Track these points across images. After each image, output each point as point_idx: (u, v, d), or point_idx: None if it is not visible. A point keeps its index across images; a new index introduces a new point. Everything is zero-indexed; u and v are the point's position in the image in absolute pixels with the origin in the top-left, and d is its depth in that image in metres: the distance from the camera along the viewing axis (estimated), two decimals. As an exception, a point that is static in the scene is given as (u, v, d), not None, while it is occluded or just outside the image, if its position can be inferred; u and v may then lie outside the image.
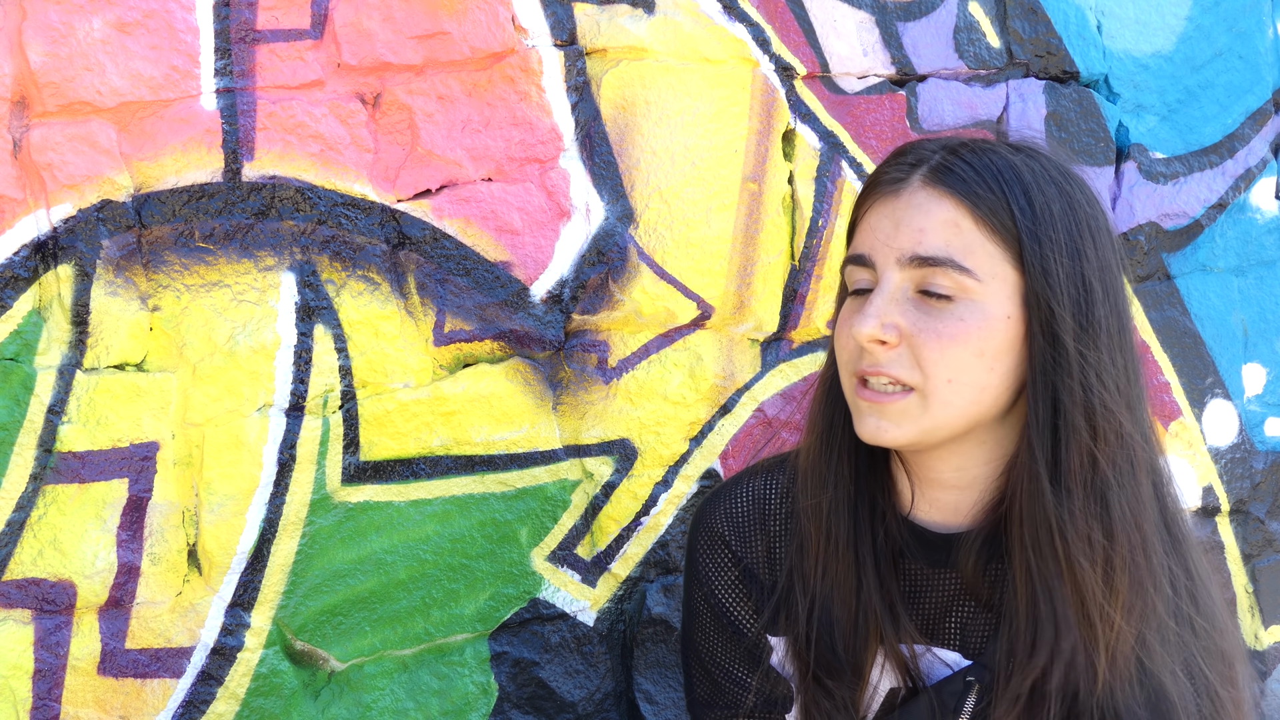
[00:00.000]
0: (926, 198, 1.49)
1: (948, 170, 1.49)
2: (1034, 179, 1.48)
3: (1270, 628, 2.80)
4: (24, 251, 1.71)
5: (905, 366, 1.47)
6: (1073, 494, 1.47)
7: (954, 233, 1.46)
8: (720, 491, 1.74)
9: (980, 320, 1.46)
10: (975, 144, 1.53)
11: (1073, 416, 1.46)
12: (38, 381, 1.73)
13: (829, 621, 1.60)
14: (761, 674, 1.66)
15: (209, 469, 1.83)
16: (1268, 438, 2.76)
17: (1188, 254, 2.64)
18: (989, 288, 1.46)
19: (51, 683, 1.77)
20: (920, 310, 1.47)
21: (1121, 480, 1.48)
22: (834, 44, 2.25)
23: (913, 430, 1.49)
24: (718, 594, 1.68)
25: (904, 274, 1.48)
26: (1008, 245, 1.46)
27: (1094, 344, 1.47)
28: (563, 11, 2.02)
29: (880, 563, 1.58)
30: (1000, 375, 1.48)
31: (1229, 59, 2.64)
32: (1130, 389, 1.51)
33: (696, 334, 2.17)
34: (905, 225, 1.48)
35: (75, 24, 1.71)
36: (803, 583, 1.61)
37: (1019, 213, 1.46)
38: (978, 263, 1.46)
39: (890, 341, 1.47)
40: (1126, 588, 1.48)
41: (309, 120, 1.86)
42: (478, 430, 2.01)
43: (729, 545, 1.67)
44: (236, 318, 1.84)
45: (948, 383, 1.47)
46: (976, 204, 1.46)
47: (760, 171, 2.19)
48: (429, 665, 2.03)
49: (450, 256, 1.97)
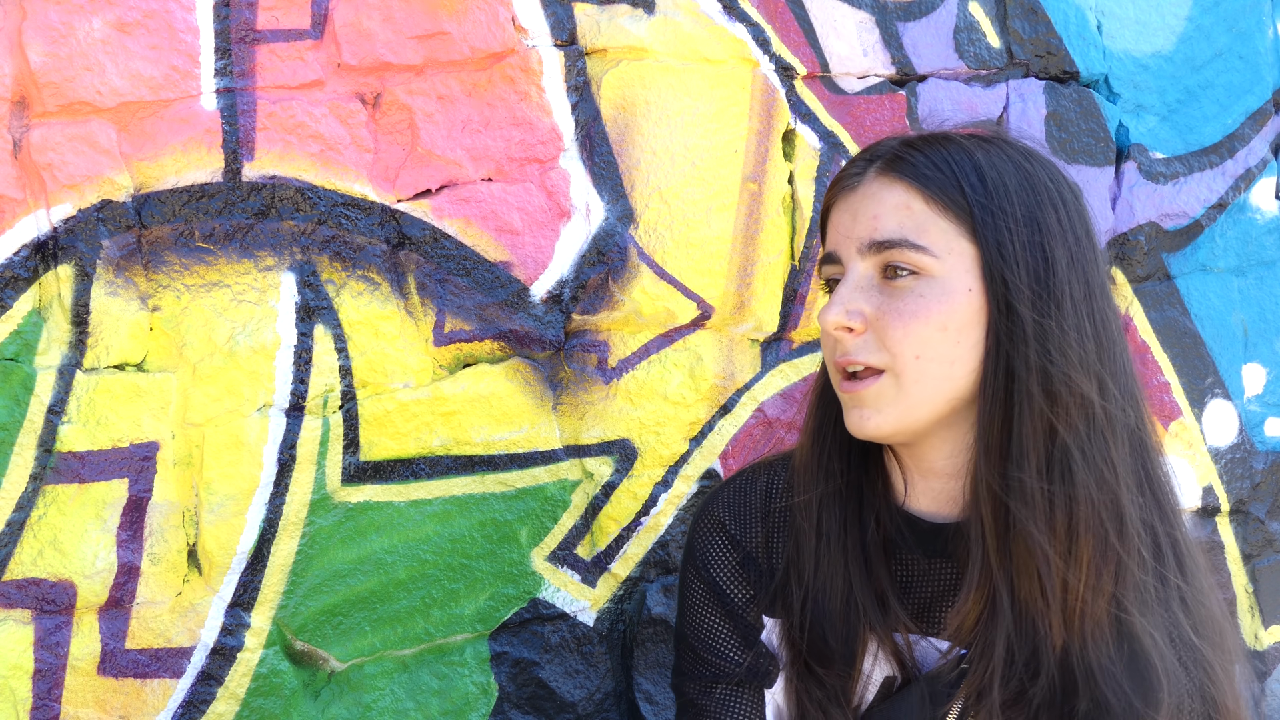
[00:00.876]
0: (880, 186, 1.53)
1: (899, 159, 1.53)
2: (986, 159, 1.52)
3: (1270, 628, 2.80)
4: (24, 251, 1.71)
5: (873, 350, 1.51)
6: (1026, 461, 1.48)
7: (906, 214, 1.50)
8: (724, 485, 1.77)
9: (940, 295, 1.49)
10: (931, 135, 1.57)
11: (1028, 384, 1.48)
12: (38, 381, 1.73)
13: (821, 611, 1.62)
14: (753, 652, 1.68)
15: (209, 469, 1.83)
16: (1268, 438, 2.76)
17: (1188, 254, 2.64)
18: (946, 263, 1.49)
19: (51, 683, 1.77)
20: (884, 294, 1.51)
21: (1087, 448, 1.49)
22: (834, 44, 2.25)
23: (893, 415, 1.52)
24: (714, 574, 1.70)
25: (866, 262, 1.52)
26: (961, 220, 1.49)
27: (1054, 311, 1.48)
28: (563, 11, 2.02)
29: (870, 554, 1.60)
30: (967, 348, 1.50)
31: (1229, 59, 2.64)
32: (1103, 357, 1.51)
33: (696, 334, 2.17)
34: (862, 215, 1.53)
35: (75, 24, 1.71)
36: (797, 575, 1.64)
37: (969, 189, 1.49)
38: (932, 240, 1.49)
39: (856, 328, 1.51)
40: (1090, 551, 1.49)
41: (309, 120, 1.86)
42: (478, 430, 2.01)
43: (727, 530, 1.70)
44: (236, 318, 1.84)
45: (915, 359, 1.49)
46: (926, 184, 1.50)
47: (760, 171, 2.19)
48: (429, 665, 2.03)
49: (450, 256, 1.97)
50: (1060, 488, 1.48)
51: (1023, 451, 1.49)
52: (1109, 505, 1.50)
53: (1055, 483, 1.48)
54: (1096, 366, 1.51)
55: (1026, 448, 1.49)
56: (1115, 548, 1.50)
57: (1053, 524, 1.48)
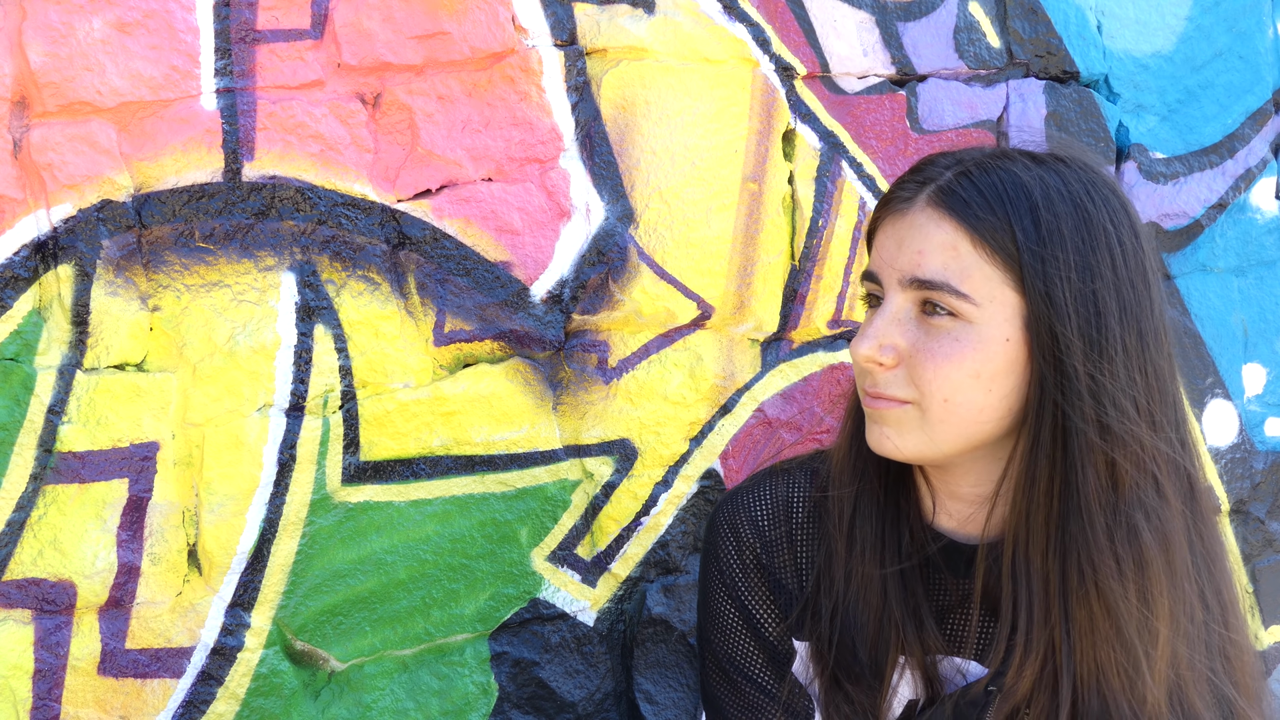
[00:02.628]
0: (927, 219, 1.48)
1: (951, 191, 1.48)
2: (1044, 197, 1.46)
3: (1270, 628, 2.80)
4: (24, 251, 1.71)
5: (902, 385, 1.48)
6: (1094, 516, 1.45)
7: (951, 255, 1.46)
8: (741, 493, 1.73)
9: (976, 342, 1.46)
10: (989, 162, 1.50)
11: (1087, 436, 1.44)
12: (38, 381, 1.73)
13: (852, 625, 1.59)
14: (786, 683, 1.66)
15: (209, 469, 1.83)
16: (1268, 438, 2.76)
17: (1188, 254, 2.64)
18: (986, 311, 1.46)
19: (51, 683, 1.77)
20: (920, 329, 1.48)
21: (1148, 499, 1.46)
22: (834, 44, 2.25)
23: (914, 443, 1.49)
24: (743, 598, 1.67)
25: (905, 294, 1.49)
26: (1008, 268, 1.45)
27: (1108, 365, 1.44)
28: (563, 11, 2.02)
29: (906, 570, 1.58)
30: (1000, 396, 1.47)
31: (1229, 59, 2.64)
32: (1154, 406, 1.47)
33: (696, 334, 2.17)
34: (907, 246, 1.49)
35: (75, 24, 1.71)
36: (828, 585, 1.61)
37: (1021, 234, 1.44)
38: (974, 286, 1.45)
39: (886, 363, 1.48)
40: (1168, 608, 1.45)
41: (309, 120, 1.86)
42: (478, 430, 2.01)
43: (754, 551, 1.67)
44: (236, 318, 1.84)
45: (944, 402, 1.47)
46: (975, 227, 1.45)
47: (760, 171, 2.19)
48: (429, 665, 2.03)
49: (450, 256, 1.97)
50: (1127, 547, 1.45)
51: (1088, 508, 1.45)
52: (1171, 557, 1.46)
53: (1120, 541, 1.45)
54: (1149, 415, 1.47)
55: (1091, 504, 1.45)
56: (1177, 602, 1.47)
57: (1125, 584, 1.44)
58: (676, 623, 2.18)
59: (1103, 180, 1.51)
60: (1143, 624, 1.45)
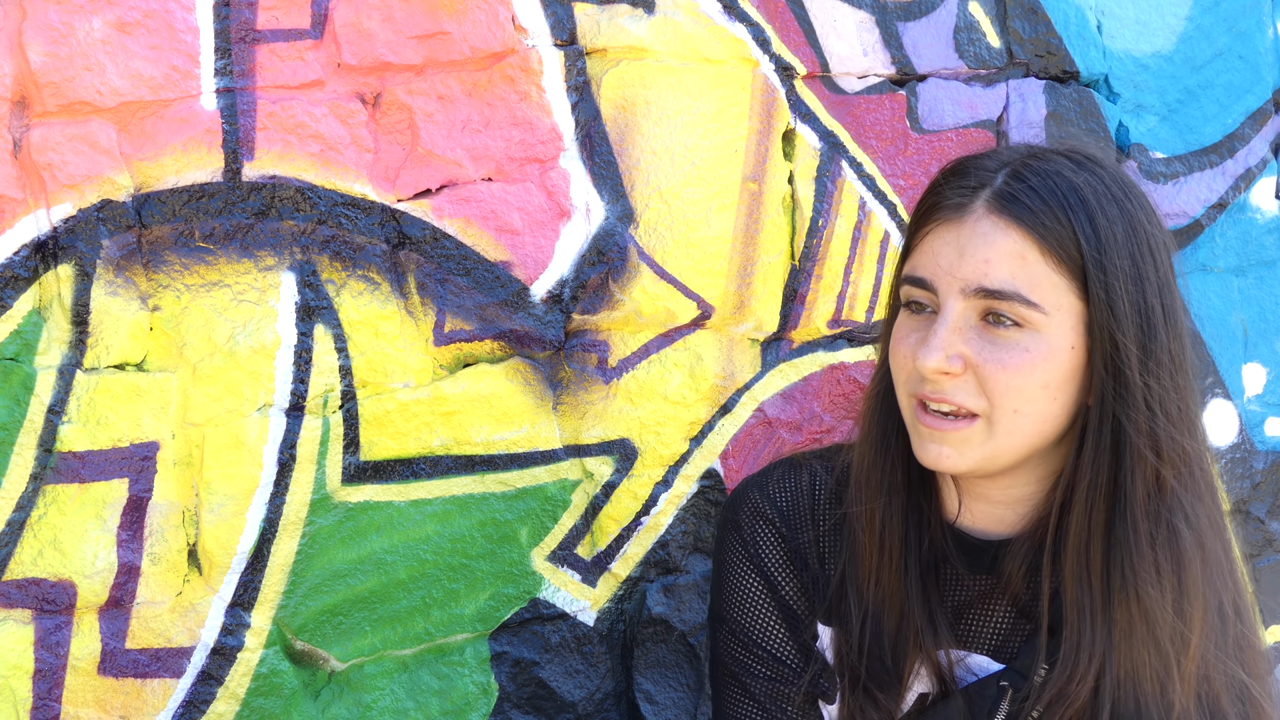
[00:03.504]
0: (991, 226, 1.46)
1: (1013, 198, 1.46)
2: (1097, 201, 1.46)
3: (1270, 628, 2.80)
4: (24, 251, 1.71)
5: (971, 394, 1.47)
6: (1138, 522, 1.45)
7: (1020, 265, 1.45)
8: (762, 475, 1.73)
9: (1045, 351, 1.45)
10: (1037, 164, 1.49)
11: (1138, 445, 1.44)
12: (38, 381, 1.73)
13: (878, 632, 1.60)
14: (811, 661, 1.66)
15: (209, 469, 1.83)
16: (1268, 438, 2.76)
17: (1188, 254, 2.64)
18: (1054, 319, 1.45)
19: (51, 683, 1.77)
20: (984, 339, 1.47)
21: (1188, 506, 1.47)
22: (834, 44, 2.25)
23: (974, 458, 1.48)
24: (766, 567, 1.67)
25: (968, 303, 1.47)
26: (1073, 275, 1.45)
27: (1157, 372, 1.45)
28: (563, 11, 2.02)
29: (925, 572, 1.58)
30: (1062, 405, 1.48)
31: (1229, 59, 2.64)
32: (1189, 411, 1.49)
33: (696, 334, 2.17)
34: (970, 255, 1.46)
35: (75, 24, 1.71)
36: (856, 593, 1.61)
37: (1084, 241, 1.44)
38: (1044, 295, 1.45)
39: (954, 372, 1.47)
40: (1201, 614, 1.46)
41: (309, 120, 1.86)
42: (478, 430, 2.01)
43: (775, 526, 1.67)
44: (236, 318, 1.84)
45: (1014, 413, 1.46)
46: (1043, 235, 1.44)
47: (760, 171, 2.19)
48: (429, 665, 2.03)
49: (450, 256, 1.97)
50: (1166, 552, 1.45)
51: (1133, 514, 1.45)
52: (1206, 565, 1.48)
53: (1161, 548, 1.45)
54: (1191, 422, 1.48)
55: (1136, 510, 1.45)
56: (1209, 608, 1.48)
57: (1162, 589, 1.45)
58: (676, 623, 2.18)
59: (1130, 181, 1.53)
60: (1175, 629, 1.46)
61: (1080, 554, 1.48)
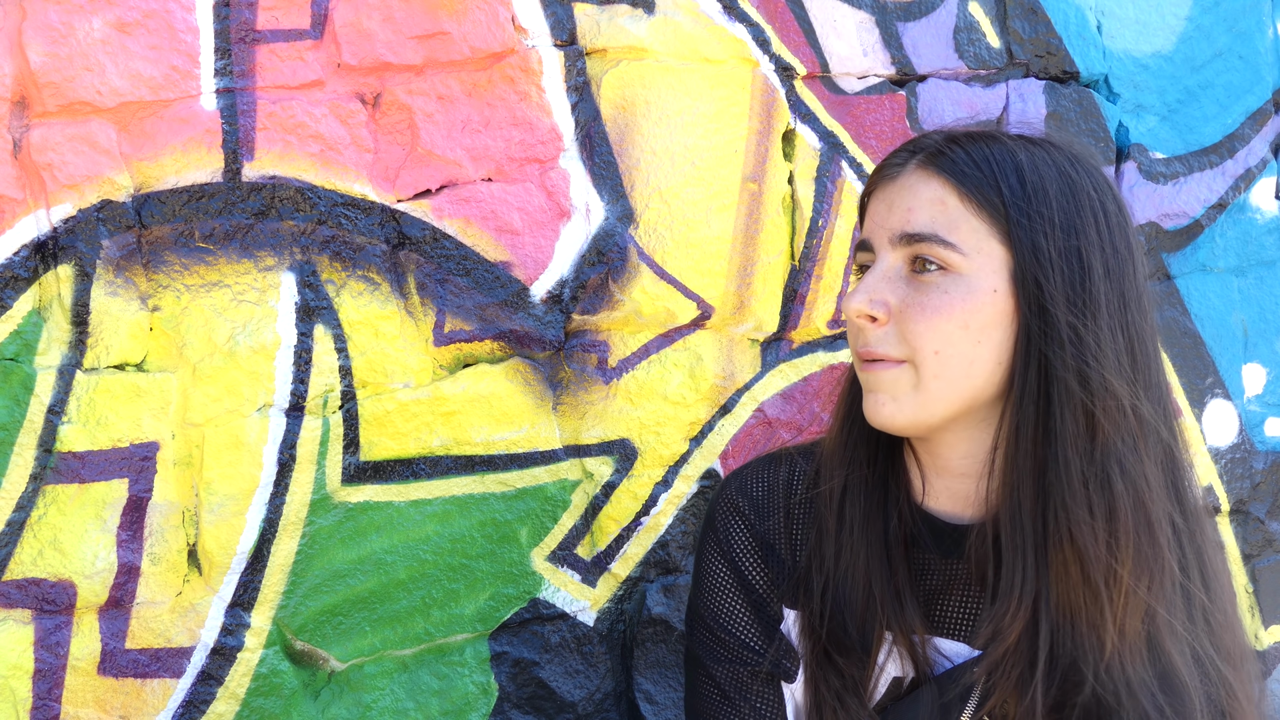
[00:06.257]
0: (917, 179, 1.53)
1: (941, 154, 1.53)
2: (1030, 161, 1.51)
3: (1270, 628, 2.80)
4: (24, 251, 1.71)
5: (894, 343, 1.52)
6: (1070, 461, 1.48)
7: (939, 209, 1.51)
8: (742, 471, 1.76)
9: (965, 293, 1.49)
10: (977, 133, 1.56)
11: (1066, 382, 1.47)
12: (38, 381, 1.73)
13: (842, 600, 1.62)
14: (774, 642, 1.68)
15: (209, 469, 1.83)
16: (1268, 438, 2.76)
17: (1188, 254, 2.64)
18: (974, 262, 1.49)
19: (51, 683, 1.77)
20: (910, 286, 1.52)
21: (1124, 454, 1.49)
22: (834, 44, 2.25)
23: (909, 407, 1.52)
24: (735, 556, 1.70)
25: (896, 253, 1.53)
26: (995, 221, 1.50)
27: (1091, 318, 1.48)
28: (563, 11, 2.02)
29: (891, 549, 1.60)
30: (989, 349, 1.50)
31: (1229, 59, 2.64)
32: (1136, 368, 1.51)
33: (696, 334, 2.17)
34: (897, 206, 1.54)
35: (75, 24, 1.71)
36: (819, 562, 1.64)
37: (1007, 190, 1.49)
38: (962, 238, 1.49)
39: (879, 318, 1.52)
40: (1132, 556, 1.48)
41: (309, 120, 1.86)
42: (478, 430, 2.01)
43: (745, 516, 1.71)
44: (236, 318, 1.84)
45: (935, 354, 1.50)
46: (963, 181, 1.50)
47: (760, 171, 2.19)
48: (429, 665, 2.03)
49: (450, 256, 1.97)
50: (1100, 495, 1.48)
51: (1065, 454, 1.48)
52: (1143, 513, 1.49)
53: (1094, 489, 1.48)
54: (1130, 375, 1.50)
55: (1068, 450, 1.48)
56: (1148, 557, 1.49)
57: (1095, 529, 1.47)
58: (676, 623, 2.18)
59: (1088, 155, 1.57)
60: (1110, 572, 1.47)
61: (1013, 493, 1.51)
